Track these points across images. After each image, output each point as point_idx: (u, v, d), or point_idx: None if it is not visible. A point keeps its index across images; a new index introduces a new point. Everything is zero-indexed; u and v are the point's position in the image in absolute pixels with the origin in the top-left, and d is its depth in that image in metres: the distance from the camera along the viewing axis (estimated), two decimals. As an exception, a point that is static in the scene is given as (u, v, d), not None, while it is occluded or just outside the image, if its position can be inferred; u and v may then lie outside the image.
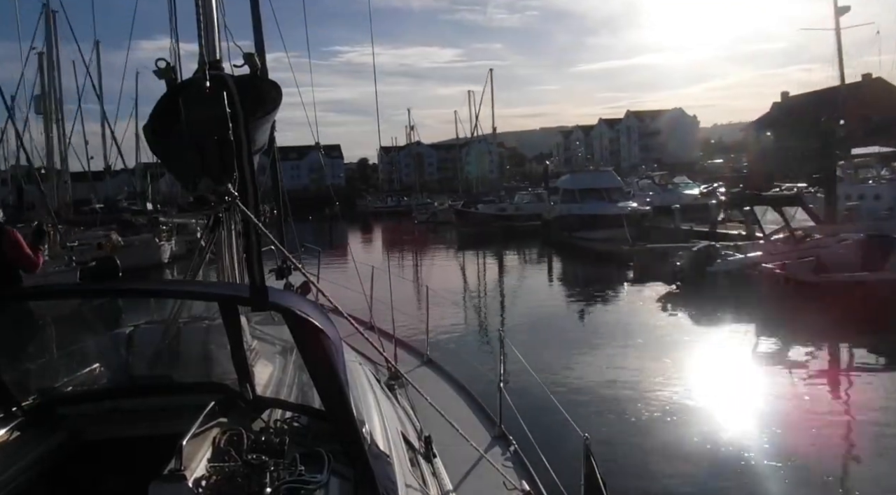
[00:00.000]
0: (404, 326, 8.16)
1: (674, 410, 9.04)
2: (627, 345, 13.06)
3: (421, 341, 7.49)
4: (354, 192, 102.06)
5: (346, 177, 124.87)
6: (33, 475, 2.53)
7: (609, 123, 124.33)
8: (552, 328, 15.45)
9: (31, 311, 6.12)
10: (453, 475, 3.74)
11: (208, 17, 3.09)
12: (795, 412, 9.02)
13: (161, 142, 3.10)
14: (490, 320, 17.47)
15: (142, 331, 3.37)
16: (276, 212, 7.96)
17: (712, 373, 11.18)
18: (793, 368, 11.39)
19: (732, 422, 8.64)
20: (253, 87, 3.07)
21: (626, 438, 8.07)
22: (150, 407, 2.90)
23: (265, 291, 2.35)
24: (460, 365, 7.64)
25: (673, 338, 13.57)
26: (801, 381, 10.71)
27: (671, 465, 7.43)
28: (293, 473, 2.20)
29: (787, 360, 11.92)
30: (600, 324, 15.95)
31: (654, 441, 8.08)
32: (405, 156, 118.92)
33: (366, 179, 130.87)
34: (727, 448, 7.80)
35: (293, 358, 3.58)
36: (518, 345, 7.33)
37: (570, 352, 12.42)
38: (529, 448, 4.76)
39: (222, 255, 3.86)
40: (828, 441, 8.05)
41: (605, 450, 6.63)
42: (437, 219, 58.16)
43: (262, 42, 6.28)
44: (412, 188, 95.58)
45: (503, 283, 25.46)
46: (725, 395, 9.86)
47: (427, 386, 5.27)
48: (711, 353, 12.53)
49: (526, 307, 18.89)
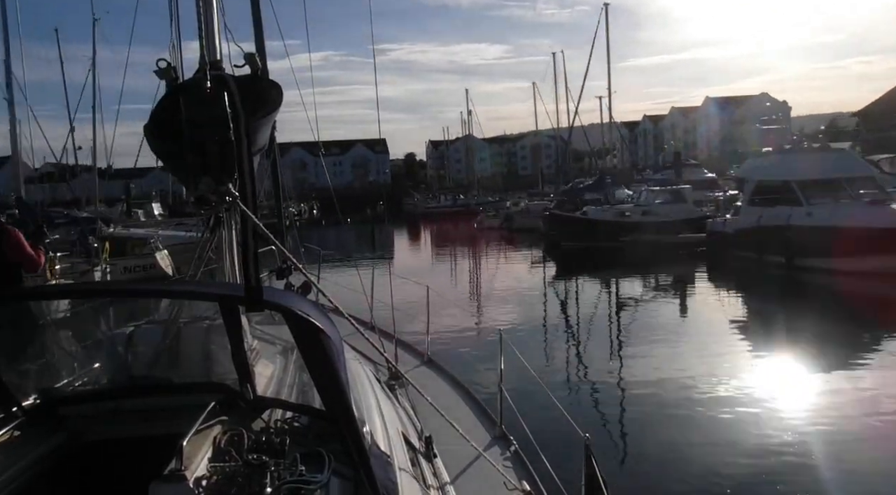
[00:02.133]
0: (404, 326, 8.16)
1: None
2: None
3: (421, 341, 7.49)
4: (401, 190, 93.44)
5: (391, 173, 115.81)
6: (33, 475, 2.53)
7: (683, 112, 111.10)
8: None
9: (31, 311, 6.12)
10: (453, 475, 3.74)
11: (209, 18, 3.09)
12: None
13: (161, 143, 3.11)
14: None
15: (142, 331, 3.36)
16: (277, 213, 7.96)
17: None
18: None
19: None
20: (253, 88, 3.07)
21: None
22: (150, 408, 2.90)
23: (260, 290, 2.35)
24: (461, 365, 7.64)
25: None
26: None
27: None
28: (294, 473, 2.20)
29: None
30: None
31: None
32: (455, 151, 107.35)
33: (413, 176, 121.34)
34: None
35: (294, 358, 3.57)
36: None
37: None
38: (530, 448, 4.75)
39: (223, 255, 3.85)
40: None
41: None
42: (512, 224, 43.63)
43: (263, 42, 6.29)
44: (466, 185, 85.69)
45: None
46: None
47: (427, 386, 5.27)
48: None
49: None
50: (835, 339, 12.62)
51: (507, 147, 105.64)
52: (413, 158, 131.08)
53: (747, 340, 13.26)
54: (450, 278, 25.54)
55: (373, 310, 7.30)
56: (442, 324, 12.59)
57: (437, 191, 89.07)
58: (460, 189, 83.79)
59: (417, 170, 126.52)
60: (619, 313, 17.23)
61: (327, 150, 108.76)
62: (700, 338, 13.60)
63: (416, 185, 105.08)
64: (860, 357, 11.45)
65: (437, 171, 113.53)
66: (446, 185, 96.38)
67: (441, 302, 10.35)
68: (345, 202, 26.26)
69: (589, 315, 17.08)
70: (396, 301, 7.01)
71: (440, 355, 7.42)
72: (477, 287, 22.91)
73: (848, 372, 10.64)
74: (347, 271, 10.58)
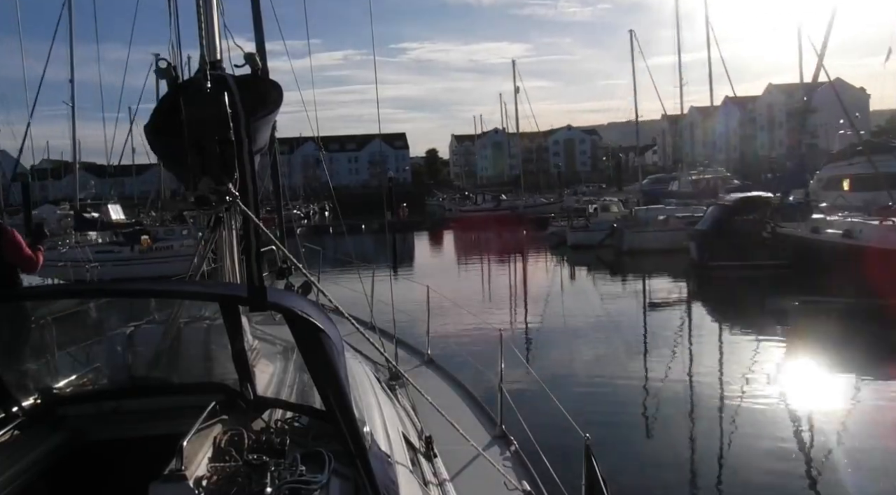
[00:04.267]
0: (404, 326, 8.15)
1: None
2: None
3: (421, 341, 7.49)
4: (423, 189, 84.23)
5: (411, 171, 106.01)
6: (34, 475, 2.53)
7: (738, 103, 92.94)
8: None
9: (31, 311, 6.11)
10: (454, 475, 3.74)
11: (209, 17, 3.09)
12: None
13: (162, 142, 3.11)
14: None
15: (142, 331, 3.36)
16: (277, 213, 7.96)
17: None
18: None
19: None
20: (253, 87, 3.07)
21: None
22: (150, 408, 2.90)
23: (264, 291, 2.35)
24: (461, 365, 7.64)
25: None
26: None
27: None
28: (294, 473, 2.20)
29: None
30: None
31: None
32: (482, 146, 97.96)
33: (435, 174, 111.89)
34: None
35: (294, 358, 3.57)
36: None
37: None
38: (530, 448, 4.75)
39: (223, 255, 3.85)
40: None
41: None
42: (624, 243, 26.71)
43: (263, 42, 6.28)
44: (501, 183, 71.73)
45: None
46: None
47: (427, 386, 5.27)
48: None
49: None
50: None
51: (539, 142, 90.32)
52: (435, 154, 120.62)
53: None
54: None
55: (373, 310, 7.30)
56: (442, 323, 12.58)
57: (473, 189, 69.86)
58: (499, 187, 67.73)
59: (440, 168, 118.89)
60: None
61: (342, 146, 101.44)
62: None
63: (436, 184, 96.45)
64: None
65: (462, 169, 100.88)
66: (480, 183, 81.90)
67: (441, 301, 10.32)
68: (359, 203, 21.56)
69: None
70: (397, 301, 7.01)
71: (440, 355, 7.42)
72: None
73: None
74: (347, 271, 10.56)
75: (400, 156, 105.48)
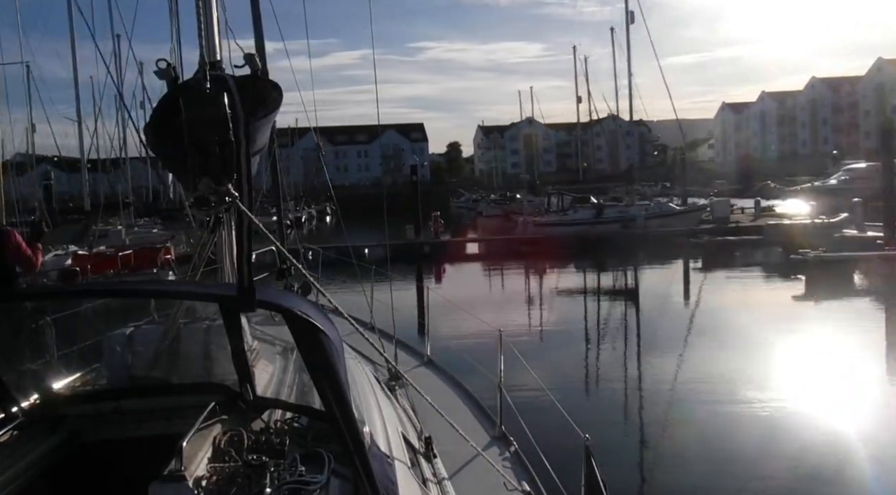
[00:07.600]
0: (404, 326, 8.15)
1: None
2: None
3: (421, 341, 7.49)
4: (443, 189, 71.25)
5: (430, 168, 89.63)
6: (33, 475, 2.53)
7: (777, 98, 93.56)
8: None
9: (31, 312, 6.11)
10: (453, 475, 3.73)
11: (208, 18, 3.09)
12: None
13: (162, 142, 3.11)
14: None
15: (142, 331, 3.36)
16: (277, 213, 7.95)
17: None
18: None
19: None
20: (253, 88, 3.07)
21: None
22: (150, 408, 2.90)
23: (252, 291, 2.35)
24: (460, 365, 7.63)
25: None
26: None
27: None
28: (293, 474, 2.20)
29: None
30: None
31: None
32: (510, 139, 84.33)
33: (456, 171, 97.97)
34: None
35: (293, 358, 3.57)
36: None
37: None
38: (529, 448, 4.75)
39: (222, 256, 3.85)
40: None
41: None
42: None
43: (263, 42, 6.29)
44: (561, 181, 49.33)
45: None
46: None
47: (427, 387, 5.26)
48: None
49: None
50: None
51: (576, 133, 67.41)
52: (457, 148, 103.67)
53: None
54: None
55: (373, 310, 7.30)
56: (442, 324, 12.57)
57: (551, 188, 41.34)
58: (572, 185, 41.97)
59: (463, 164, 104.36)
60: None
61: (351, 137, 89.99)
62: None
63: (457, 181, 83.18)
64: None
65: (489, 165, 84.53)
66: (531, 182, 54.14)
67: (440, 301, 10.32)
68: (369, 206, 17.27)
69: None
70: (396, 301, 7.00)
71: (440, 355, 7.41)
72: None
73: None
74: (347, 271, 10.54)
75: (417, 150, 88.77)
